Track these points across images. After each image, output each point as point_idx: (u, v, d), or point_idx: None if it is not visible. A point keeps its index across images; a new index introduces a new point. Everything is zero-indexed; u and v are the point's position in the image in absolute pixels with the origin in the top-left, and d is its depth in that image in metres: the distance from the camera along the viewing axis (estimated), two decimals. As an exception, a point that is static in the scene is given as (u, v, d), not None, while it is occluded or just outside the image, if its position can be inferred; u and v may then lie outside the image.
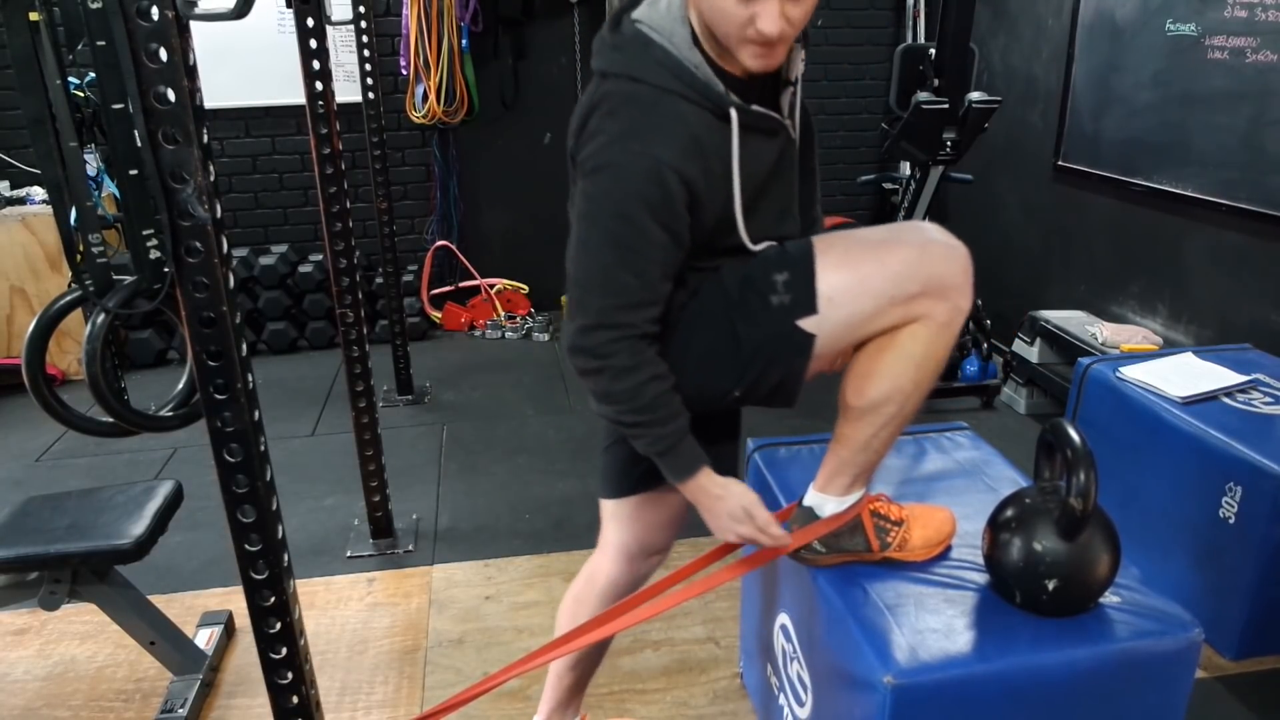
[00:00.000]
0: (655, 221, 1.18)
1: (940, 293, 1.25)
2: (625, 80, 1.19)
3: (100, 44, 1.63)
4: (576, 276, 1.23)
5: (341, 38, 4.09)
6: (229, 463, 1.13)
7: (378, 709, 2.04)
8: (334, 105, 2.30)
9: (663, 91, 1.18)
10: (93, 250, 1.81)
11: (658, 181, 1.16)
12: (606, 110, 1.20)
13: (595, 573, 1.64)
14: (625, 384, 1.23)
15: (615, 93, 1.20)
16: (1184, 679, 1.35)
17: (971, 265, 1.28)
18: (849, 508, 1.42)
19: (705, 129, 1.20)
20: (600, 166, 1.18)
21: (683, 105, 1.18)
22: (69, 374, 3.88)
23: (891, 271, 1.25)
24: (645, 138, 1.17)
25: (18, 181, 4.01)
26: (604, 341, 1.21)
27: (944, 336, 1.28)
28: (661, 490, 1.51)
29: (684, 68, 1.18)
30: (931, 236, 1.28)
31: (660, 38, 1.19)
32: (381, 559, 2.62)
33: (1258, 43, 2.71)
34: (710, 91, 1.19)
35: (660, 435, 1.27)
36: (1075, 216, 3.67)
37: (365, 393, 2.54)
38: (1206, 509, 2.08)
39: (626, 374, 1.22)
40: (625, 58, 1.20)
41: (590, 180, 1.20)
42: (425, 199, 4.64)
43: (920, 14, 4.53)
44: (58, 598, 1.92)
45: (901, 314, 1.26)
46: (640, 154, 1.16)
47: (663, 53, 1.18)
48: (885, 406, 1.30)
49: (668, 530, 1.59)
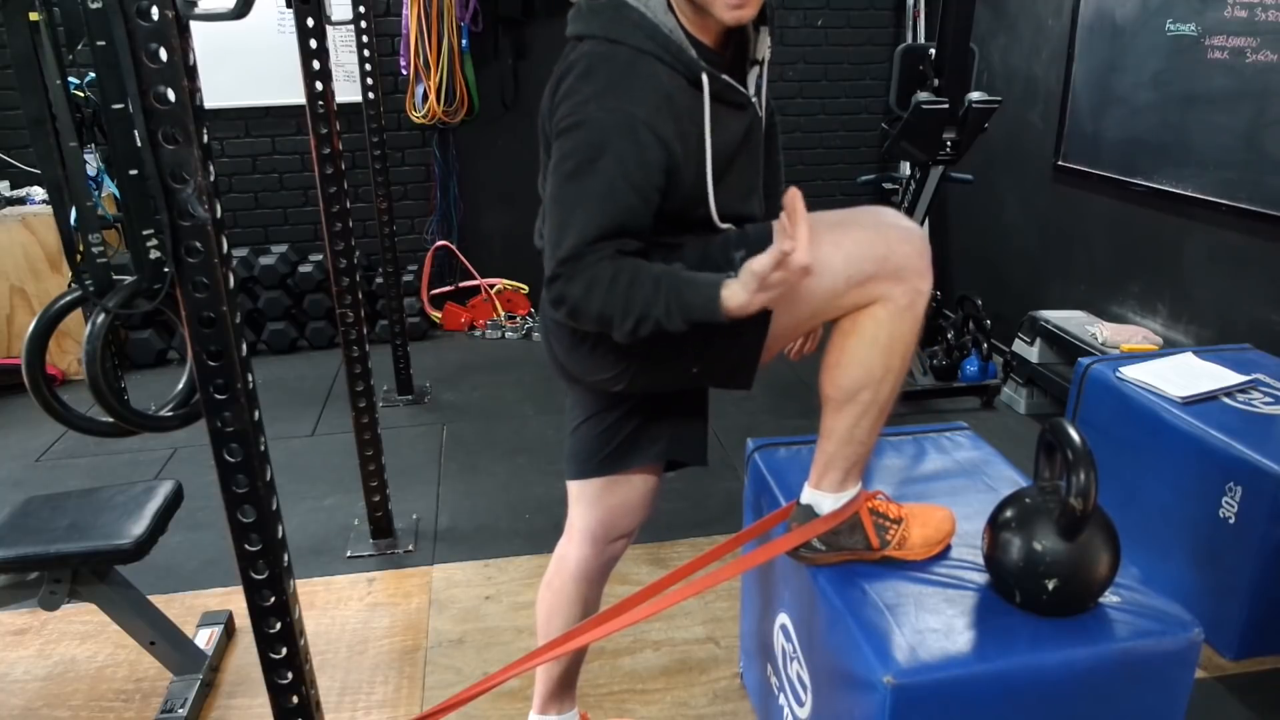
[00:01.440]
0: (626, 181, 1.18)
1: (896, 275, 1.26)
2: (601, 41, 1.21)
3: (100, 44, 1.62)
4: (551, 227, 1.21)
5: (341, 38, 4.09)
6: (229, 463, 1.13)
7: (378, 709, 2.04)
8: (334, 105, 2.30)
9: (638, 52, 1.20)
10: (93, 250, 1.81)
11: (633, 138, 1.17)
12: (582, 70, 1.21)
13: (564, 557, 1.64)
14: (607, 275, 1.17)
15: (591, 53, 1.21)
16: (1184, 679, 1.35)
17: (928, 248, 1.30)
18: (846, 504, 1.42)
19: (679, 91, 1.22)
20: (577, 124, 1.19)
21: (658, 66, 1.20)
22: (69, 374, 3.88)
23: (846, 253, 1.26)
24: (621, 95, 1.18)
25: (18, 181, 4.01)
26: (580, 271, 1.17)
27: (906, 319, 1.29)
28: (627, 473, 1.53)
29: (659, 30, 1.20)
30: (886, 220, 1.30)
31: (636, 1, 1.21)
32: (381, 559, 2.62)
33: (1258, 43, 2.71)
34: (684, 55, 1.21)
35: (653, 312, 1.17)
36: (1075, 216, 3.67)
37: (365, 393, 2.54)
38: (1206, 509, 2.08)
39: (606, 284, 1.17)
40: (601, 21, 1.22)
41: (566, 137, 1.20)
42: (425, 199, 4.64)
43: (920, 14, 4.53)
44: (58, 598, 1.92)
45: (859, 296, 1.27)
46: (615, 109, 1.17)
47: (639, 15, 1.21)
48: (860, 394, 1.32)
49: (633, 514, 1.59)
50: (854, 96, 4.84)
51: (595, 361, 1.37)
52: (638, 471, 1.54)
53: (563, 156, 1.21)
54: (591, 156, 1.18)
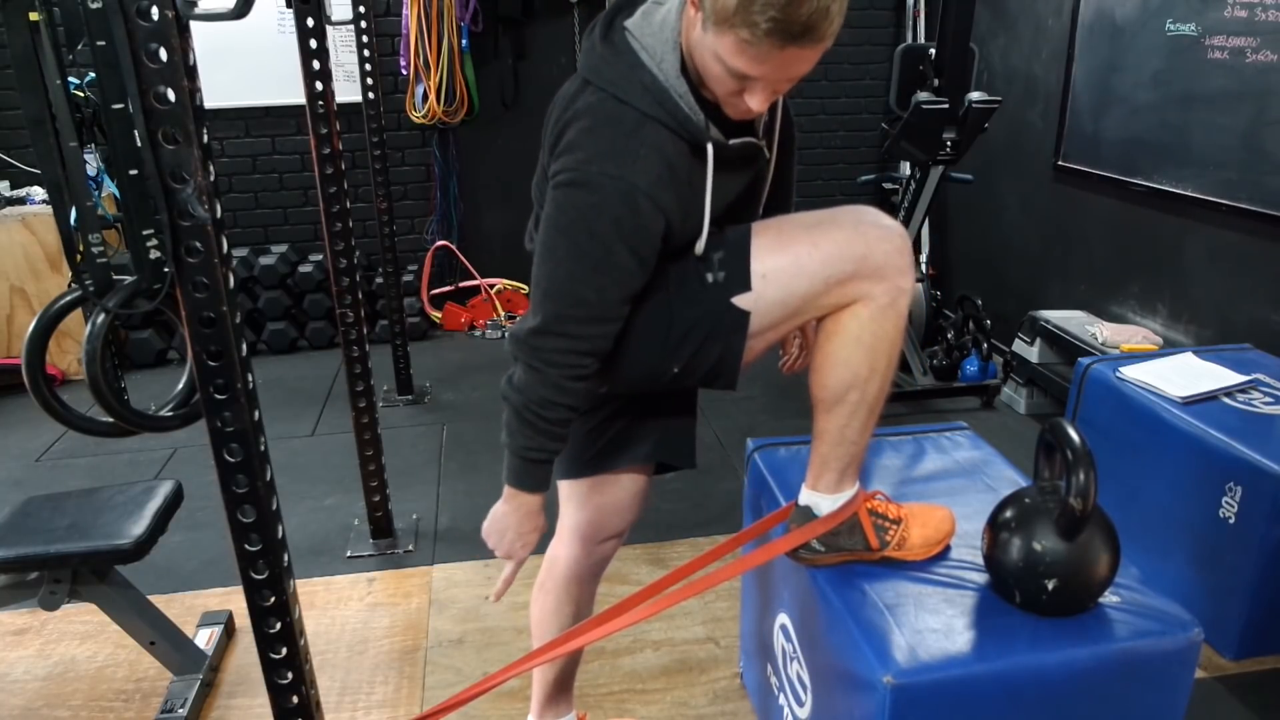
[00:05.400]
0: (624, 245, 1.19)
1: (876, 274, 1.26)
2: (609, 99, 1.20)
3: (100, 44, 1.63)
4: (538, 278, 1.25)
5: (341, 38, 4.09)
6: (229, 463, 1.13)
7: (378, 709, 2.04)
8: (334, 105, 2.30)
9: (645, 117, 1.18)
10: (93, 250, 1.81)
11: (631, 207, 1.18)
12: (587, 126, 1.20)
13: (555, 558, 1.64)
14: (548, 394, 1.26)
15: (598, 110, 1.20)
16: (1184, 679, 1.35)
17: (909, 246, 1.30)
18: (844, 505, 1.42)
19: (682, 158, 1.21)
20: (575, 182, 1.19)
21: (663, 133, 1.19)
22: (69, 374, 3.88)
23: (825, 253, 1.26)
24: (622, 162, 1.17)
25: (18, 181, 4.02)
26: (554, 350, 1.24)
27: (889, 318, 1.28)
28: (616, 473, 1.54)
29: (669, 96, 1.19)
30: (866, 219, 1.29)
31: (650, 61, 1.19)
32: (381, 559, 2.62)
33: (1258, 43, 2.71)
34: (690, 125, 1.20)
35: (542, 447, 1.31)
36: (1075, 216, 3.67)
37: (365, 393, 2.54)
38: (1206, 509, 2.08)
39: (554, 389, 1.26)
40: (613, 74, 1.20)
41: (564, 192, 1.20)
42: (425, 199, 4.64)
43: (920, 14, 4.53)
44: (58, 598, 1.92)
45: (840, 296, 1.27)
46: (616, 178, 1.17)
47: (650, 77, 1.19)
48: (848, 394, 1.32)
49: (622, 515, 1.60)
50: (854, 96, 4.84)
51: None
52: (626, 472, 1.54)
53: (559, 210, 1.21)
54: (588, 220, 1.19)
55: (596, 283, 1.21)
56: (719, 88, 1.16)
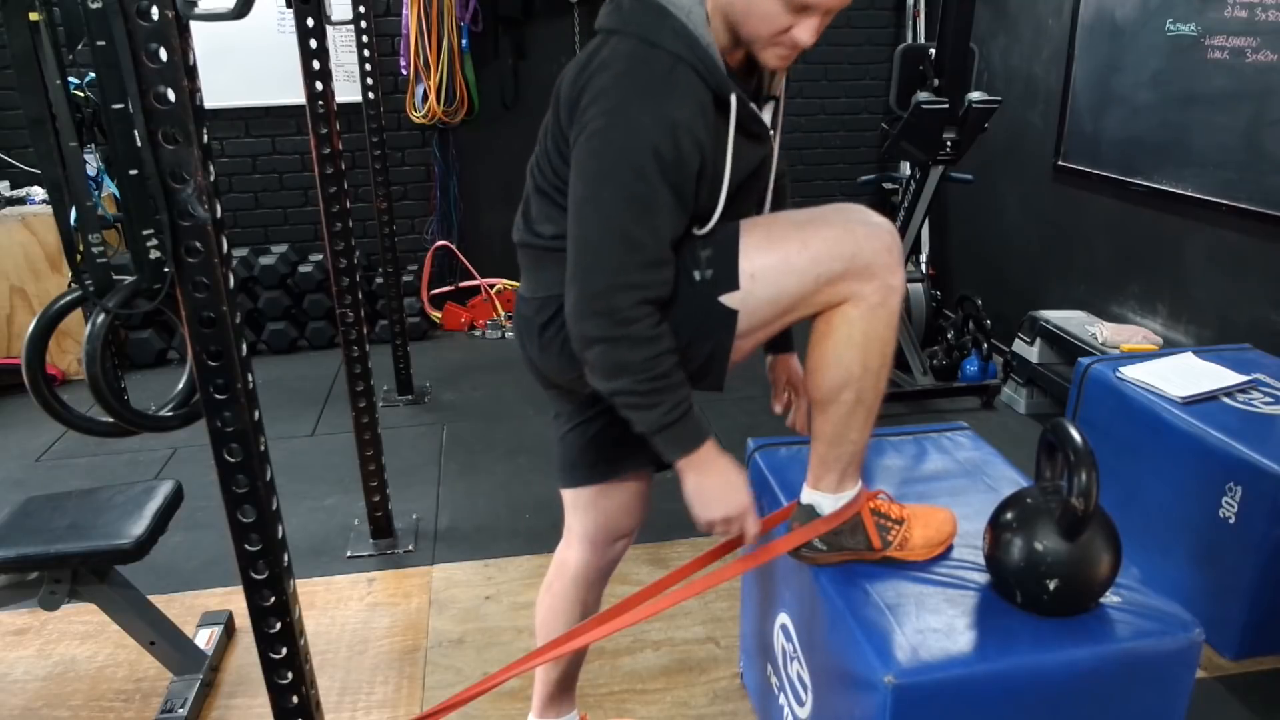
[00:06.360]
0: (666, 182, 1.18)
1: (865, 273, 1.25)
2: (638, 41, 1.19)
3: (100, 44, 1.62)
4: (586, 236, 1.20)
5: (341, 38, 4.09)
6: (229, 463, 1.13)
7: (378, 709, 2.04)
8: (334, 105, 2.30)
9: (677, 59, 1.18)
10: (93, 250, 1.81)
11: (672, 139, 1.16)
12: (620, 70, 1.19)
13: (564, 562, 1.64)
14: (644, 353, 1.20)
15: (628, 53, 1.19)
16: (1184, 679, 1.35)
17: (898, 244, 1.29)
18: (847, 504, 1.42)
19: (709, 109, 1.21)
20: (614, 124, 1.17)
21: (694, 77, 1.19)
22: (69, 374, 3.88)
23: (813, 251, 1.25)
24: (660, 99, 1.17)
25: (18, 181, 4.01)
26: (628, 305, 1.19)
27: (880, 316, 1.28)
28: (618, 479, 1.53)
29: (699, 43, 1.19)
30: (855, 217, 1.29)
31: (678, 11, 1.19)
32: (381, 559, 2.62)
33: (1258, 43, 2.71)
34: (718, 72, 1.20)
35: (675, 403, 1.24)
36: (1075, 216, 3.67)
37: (365, 393, 2.54)
38: (1206, 509, 2.08)
39: (647, 343, 1.20)
40: (640, 21, 1.20)
41: (600, 138, 1.18)
42: (425, 199, 4.64)
43: (920, 14, 4.54)
44: (58, 598, 1.92)
45: (830, 295, 1.27)
46: (655, 111, 1.16)
47: (680, 24, 1.19)
48: (843, 394, 1.31)
49: (631, 515, 1.59)
50: (854, 96, 4.84)
51: (564, 360, 1.36)
52: (628, 477, 1.54)
53: (597, 157, 1.19)
54: (630, 158, 1.16)
55: (649, 223, 1.18)
56: (766, 27, 1.16)
